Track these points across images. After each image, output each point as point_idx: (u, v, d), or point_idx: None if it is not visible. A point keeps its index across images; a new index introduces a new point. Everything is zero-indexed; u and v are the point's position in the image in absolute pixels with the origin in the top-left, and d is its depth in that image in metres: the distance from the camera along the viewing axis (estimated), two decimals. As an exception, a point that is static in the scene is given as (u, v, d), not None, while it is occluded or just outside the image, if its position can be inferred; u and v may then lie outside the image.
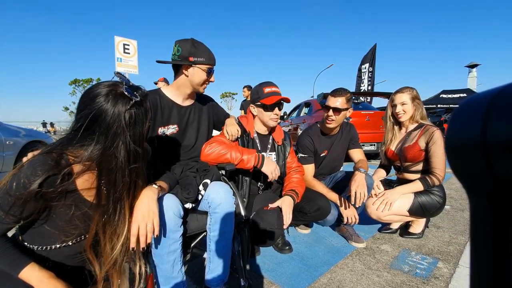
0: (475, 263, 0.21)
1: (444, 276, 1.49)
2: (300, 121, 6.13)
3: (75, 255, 0.85)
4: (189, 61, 1.32)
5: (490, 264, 0.20)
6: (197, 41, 1.36)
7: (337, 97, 1.88)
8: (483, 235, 0.20)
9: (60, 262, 0.84)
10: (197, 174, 1.28)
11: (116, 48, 7.63)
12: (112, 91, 0.78)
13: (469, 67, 23.42)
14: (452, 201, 2.90)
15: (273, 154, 1.75)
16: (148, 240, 0.91)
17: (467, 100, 0.22)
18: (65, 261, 0.85)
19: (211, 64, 1.37)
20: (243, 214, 1.31)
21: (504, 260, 0.19)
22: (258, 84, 1.66)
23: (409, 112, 1.84)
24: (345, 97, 1.87)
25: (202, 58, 1.33)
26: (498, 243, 0.19)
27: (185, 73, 1.36)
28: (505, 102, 0.18)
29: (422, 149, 1.79)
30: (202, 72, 1.36)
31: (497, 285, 0.19)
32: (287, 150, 1.79)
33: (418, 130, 1.84)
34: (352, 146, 2.10)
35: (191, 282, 1.44)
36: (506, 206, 0.18)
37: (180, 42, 1.35)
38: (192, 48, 1.33)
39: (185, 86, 1.40)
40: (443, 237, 2.00)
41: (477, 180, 0.20)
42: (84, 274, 0.90)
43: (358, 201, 1.66)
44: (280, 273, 1.54)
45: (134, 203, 0.92)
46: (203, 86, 1.42)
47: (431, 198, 1.80)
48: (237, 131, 1.55)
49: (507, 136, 0.17)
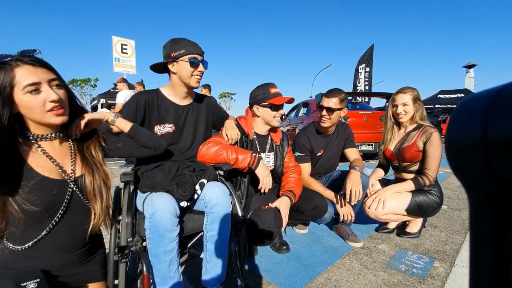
0: (475, 263, 0.21)
1: (440, 276, 1.50)
2: (298, 121, 6.14)
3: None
4: (172, 58, 1.32)
5: (490, 264, 0.20)
6: (177, 38, 1.36)
7: (330, 97, 1.91)
8: (482, 235, 0.20)
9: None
10: (194, 173, 1.28)
11: (113, 48, 7.62)
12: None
13: (466, 67, 23.58)
14: (449, 200, 2.92)
15: (271, 155, 1.76)
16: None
17: (467, 99, 0.21)
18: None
19: (192, 53, 1.33)
20: (240, 215, 1.31)
21: (503, 260, 0.19)
22: (261, 86, 1.68)
23: (410, 113, 1.85)
24: (338, 98, 1.90)
25: (182, 50, 1.32)
26: (497, 243, 0.19)
27: (172, 71, 1.36)
28: (504, 101, 0.18)
29: (420, 149, 1.80)
30: (186, 63, 1.33)
31: (496, 285, 0.19)
32: (285, 150, 1.80)
33: (417, 131, 1.85)
34: (347, 146, 2.12)
35: (188, 282, 1.44)
36: (506, 206, 0.18)
37: (165, 44, 1.36)
38: (172, 45, 1.33)
39: (178, 84, 1.39)
40: (440, 237, 2.01)
41: (477, 180, 0.20)
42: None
43: (354, 198, 1.68)
44: (277, 273, 1.54)
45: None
46: (193, 78, 1.37)
47: (429, 198, 1.81)
48: (237, 135, 1.56)
49: (507, 135, 0.17)
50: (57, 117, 0.83)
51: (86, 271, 0.96)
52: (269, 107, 1.64)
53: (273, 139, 1.77)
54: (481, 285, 0.21)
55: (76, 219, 0.90)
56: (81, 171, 0.93)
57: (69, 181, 0.89)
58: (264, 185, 1.50)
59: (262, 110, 1.66)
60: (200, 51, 1.36)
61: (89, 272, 0.97)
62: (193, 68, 1.34)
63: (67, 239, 0.88)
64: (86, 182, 0.92)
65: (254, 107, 1.68)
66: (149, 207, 1.08)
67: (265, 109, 1.65)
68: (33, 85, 0.78)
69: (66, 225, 0.87)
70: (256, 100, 1.66)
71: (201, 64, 1.36)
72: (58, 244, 0.87)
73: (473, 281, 0.21)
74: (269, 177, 1.51)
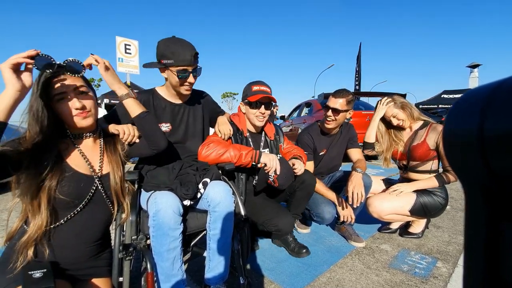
0: (468, 257, 0.21)
1: (443, 276, 1.50)
2: (300, 122, 6.13)
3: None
4: (162, 64, 1.26)
5: (483, 257, 0.20)
6: (171, 39, 1.27)
7: (337, 98, 1.89)
8: (476, 229, 0.20)
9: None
10: (197, 172, 1.28)
11: (117, 48, 7.66)
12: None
13: (470, 67, 23.37)
14: (453, 201, 2.90)
15: (266, 151, 1.76)
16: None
17: (466, 94, 0.22)
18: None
19: (181, 65, 1.24)
20: (243, 213, 1.32)
21: (497, 254, 0.19)
22: (249, 83, 1.67)
23: (405, 119, 1.85)
24: (345, 99, 1.88)
25: (171, 60, 1.23)
26: (491, 237, 0.19)
27: (164, 75, 1.33)
28: (502, 96, 0.18)
29: (431, 148, 1.77)
30: (173, 75, 1.26)
31: (490, 279, 0.20)
32: (280, 142, 1.82)
33: (424, 129, 1.83)
34: (350, 146, 2.11)
35: (191, 281, 1.45)
36: (501, 200, 0.19)
37: (159, 42, 1.28)
38: (163, 49, 1.25)
39: (171, 87, 1.37)
40: (443, 237, 2.00)
41: (473, 174, 0.20)
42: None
43: (355, 201, 1.67)
44: (280, 272, 1.55)
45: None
46: (182, 88, 1.33)
47: (434, 199, 1.79)
48: (230, 130, 1.56)
49: (504, 130, 0.17)
50: (83, 120, 0.95)
51: (93, 266, 1.01)
52: (248, 104, 1.61)
53: (267, 135, 1.77)
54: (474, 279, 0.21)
55: (95, 213, 1.00)
56: (107, 169, 1.04)
57: (95, 178, 0.99)
58: (271, 168, 1.43)
59: (245, 108, 1.66)
60: (191, 60, 1.25)
61: (95, 268, 1.02)
62: (181, 80, 1.29)
63: (82, 231, 0.97)
64: (110, 179, 1.02)
65: (240, 104, 1.69)
66: (153, 206, 1.09)
67: (246, 107, 1.64)
68: (60, 95, 0.90)
69: (84, 217, 0.97)
70: (242, 97, 1.67)
71: (190, 75, 1.29)
72: (73, 234, 0.95)
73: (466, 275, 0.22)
74: (275, 159, 1.46)
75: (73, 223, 0.95)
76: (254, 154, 1.47)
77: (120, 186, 1.05)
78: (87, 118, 0.96)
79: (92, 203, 0.99)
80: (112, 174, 1.03)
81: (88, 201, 0.97)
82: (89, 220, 0.99)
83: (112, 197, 1.04)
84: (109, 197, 1.03)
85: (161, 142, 1.19)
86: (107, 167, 1.05)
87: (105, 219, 1.05)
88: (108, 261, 1.08)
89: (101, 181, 1.01)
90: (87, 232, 0.99)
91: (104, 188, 1.02)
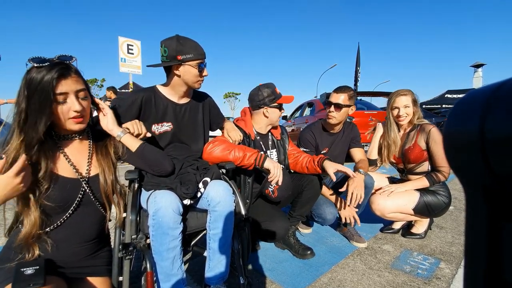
0: (469, 257, 0.21)
1: (446, 277, 1.48)
2: (303, 121, 6.12)
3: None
4: (178, 60, 1.27)
5: (484, 257, 0.20)
6: (182, 37, 1.31)
7: (339, 93, 1.92)
8: (477, 229, 0.20)
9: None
10: (197, 171, 1.28)
11: (120, 48, 7.69)
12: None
13: (474, 67, 23.19)
14: (456, 201, 2.88)
15: (274, 151, 1.78)
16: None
17: (467, 94, 0.22)
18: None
19: (200, 59, 1.31)
20: (243, 213, 1.31)
21: (498, 254, 0.19)
22: (265, 87, 1.69)
23: (410, 115, 1.84)
24: (347, 94, 1.90)
25: (190, 54, 1.27)
26: (492, 238, 0.19)
27: (176, 73, 1.32)
28: (503, 97, 0.18)
29: (423, 149, 1.78)
30: (193, 68, 1.30)
31: (491, 280, 0.19)
32: (286, 142, 1.85)
33: (414, 131, 1.85)
34: (353, 145, 2.10)
35: (192, 280, 1.45)
36: (502, 201, 0.19)
37: (165, 41, 1.29)
38: (178, 46, 1.26)
39: (180, 85, 1.37)
40: (446, 238, 1.98)
41: (474, 175, 0.20)
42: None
43: (354, 202, 1.64)
44: (281, 272, 1.54)
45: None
46: (197, 82, 1.37)
47: (437, 198, 1.79)
48: (240, 136, 1.59)
49: (505, 131, 0.17)
50: (76, 125, 0.93)
51: (91, 265, 1.01)
52: (278, 107, 1.68)
53: (273, 135, 1.81)
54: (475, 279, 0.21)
55: (86, 216, 0.98)
56: (96, 170, 1.00)
57: (82, 181, 0.96)
58: (275, 176, 1.43)
59: (271, 111, 1.69)
60: (204, 54, 1.34)
61: (93, 267, 1.01)
62: (200, 73, 1.34)
63: (76, 233, 0.96)
64: (100, 181, 0.99)
65: (264, 109, 1.69)
66: (153, 205, 1.08)
67: (274, 110, 1.69)
68: (61, 95, 0.87)
69: (75, 220, 0.95)
70: (265, 102, 1.67)
71: (205, 68, 1.35)
72: (67, 235, 0.94)
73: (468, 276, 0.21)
74: (279, 169, 1.45)
75: (66, 226, 0.94)
76: (259, 156, 1.46)
77: (111, 188, 1.02)
78: (80, 124, 0.94)
79: (83, 206, 0.97)
80: (102, 176, 1.00)
81: (78, 204, 0.95)
82: (81, 223, 0.97)
83: (102, 199, 1.01)
84: (98, 199, 1.00)
85: (168, 168, 1.20)
86: (96, 169, 1.01)
87: (98, 221, 1.02)
88: (107, 260, 1.07)
89: (89, 183, 0.98)
90: (81, 233, 0.97)
91: (93, 191, 0.99)
